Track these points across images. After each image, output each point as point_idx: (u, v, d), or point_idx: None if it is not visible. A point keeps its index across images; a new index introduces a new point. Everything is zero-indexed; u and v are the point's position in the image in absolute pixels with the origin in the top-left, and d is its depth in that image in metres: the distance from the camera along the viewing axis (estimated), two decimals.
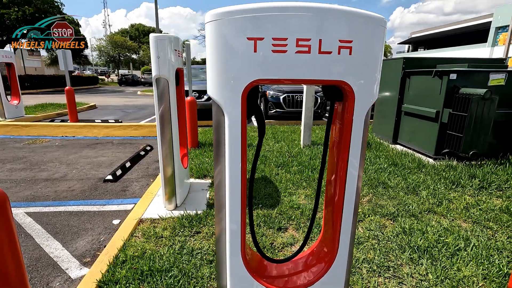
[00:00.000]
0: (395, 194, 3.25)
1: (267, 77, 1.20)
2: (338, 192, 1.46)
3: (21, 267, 1.35)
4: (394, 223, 2.70)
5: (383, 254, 2.27)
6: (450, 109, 3.99)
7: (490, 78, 4.04)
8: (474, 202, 3.05)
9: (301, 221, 2.73)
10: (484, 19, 31.43)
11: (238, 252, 1.41)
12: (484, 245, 2.34)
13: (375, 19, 1.22)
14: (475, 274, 2.02)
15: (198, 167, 4.08)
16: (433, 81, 4.22)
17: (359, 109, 1.31)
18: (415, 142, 4.70)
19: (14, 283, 1.33)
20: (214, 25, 1.17)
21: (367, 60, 1.24)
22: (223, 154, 1.32)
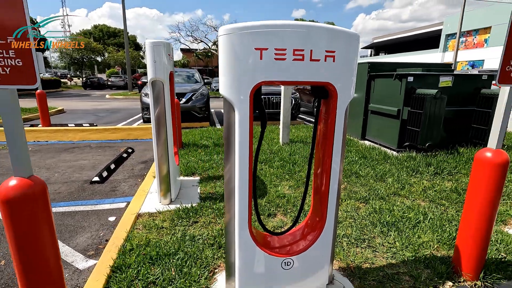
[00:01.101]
0: (366, 181, 3.71)
1: (270, 79, 1.51)
2: (325, 180, 1.80)
3: (58, 256, 1.51)
4: (366, 205, 3.13)
5: (359, 230, 2.66)
6: (409, 108, 4.58)
7: (440, 80, 4.70)
8: (430, 185, 3.59)
9: (287, 207, 3.06)
10: (436, 27, 34.42)
11: (246, 228, 1.69)
12: (438, 217, 2.83)
13: (352, 35, 1.59)
14: (432, 239, 2.48)
15: (185, 165, 4.26)
16: (394, 83, 4.81)
17: (341, 105, 1.66)
18: (381, 137, 5.27)
19: (53, 270, 1.49)
20: (227, 38, 1.45)
21: (346, 66, 1.60)
22: (233, 150, 1.58)
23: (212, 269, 2.17)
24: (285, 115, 5.45)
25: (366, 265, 2.23)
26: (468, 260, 2.08)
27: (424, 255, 2.31)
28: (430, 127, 4.38)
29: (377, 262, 2.26)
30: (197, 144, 5.48)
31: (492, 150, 1.91)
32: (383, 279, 2.08)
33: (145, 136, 6.85)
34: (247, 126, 1.56)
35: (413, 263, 2.23)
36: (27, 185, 1.33)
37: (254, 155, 1.72)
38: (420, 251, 2.35)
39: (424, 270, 2.16)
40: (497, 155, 1.89)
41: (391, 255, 2.33)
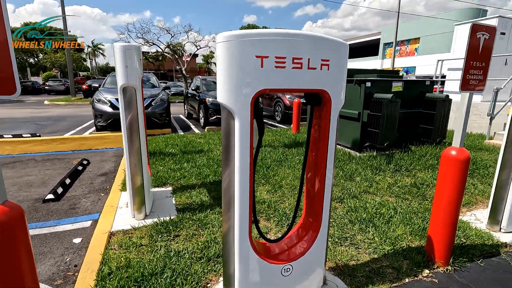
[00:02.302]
0: (338, 182, 3.90)
1: (270, 87, 1.51)
2: (319, 183, 1.85)
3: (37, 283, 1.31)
4: (342, 204, 3.29)
5: (340, 229, 2.79)
6: (368, 111, 4.96)
7: (393, 86, 5.18)
8: (393, 182, 3.92)
9: (269, 212, 3.07)
10: (375, 36, 37.85)
11: (246, 239, 1.65)
12: (405, 211, 3.10)
13: (342, 44, 1.66)
14: (405, 232, 2.70)
15: (155, 175, 4.02)
16: (354, 88, 5.16)
17: (334, 111, 1.72)
18: (344, 139, 5.60)
19: None
20: (227, 45, 1.41)
21: (338, 73, 1.67)
22: (232, 156, 1.55)
23: (205, 284, 2.07)
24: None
25: (352, 262, 2.33)
26: (439, 249, 2.31)
27: (401, 247, 2.50)
28: (388, 128, 4.79)
29: (362, 258, 2.38)
30: (163, 152, 5.20)
31: (456, 149, 2.16)
32: (370, 274, 2.20)
33: (100, 145, 6.30)
34: (247, 133, 1.53)
35: (393, 256, 2.40)
36: (2, 212, 1.12)
37: (254, 155, 1.70)
38: (397, 243, 2.55)
39: (404, 261, 2.34)
40: (460, 152, 2.14)
41: (373, 250, 2.48)
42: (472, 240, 2.66)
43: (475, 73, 2.05)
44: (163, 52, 19.64)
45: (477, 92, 2.11)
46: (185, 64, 21.12)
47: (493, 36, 2.04)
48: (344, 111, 5.44)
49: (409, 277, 2.19)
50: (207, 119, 8.28)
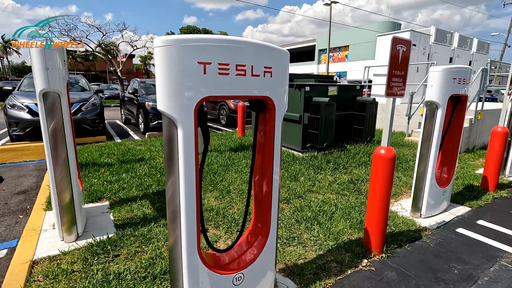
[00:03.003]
0: (283, 183, 4.03)
1: (214, 94, 1.47)
2: (266, 186, 1.87)
3: None
4: (288, 205, 3.40)
5: (288, 229, 2.87)
6: (308, 113, 5.25)
7: (329, 90, 5.58)
8: (333, 180, 4.21)
9: (218, 220, 3.00)
10: (311, 42, 40.50)
11: (195, 252, 1.58)
12: (345, 206, 3.35)
13: (284, 52, 1.72)
14: (345, 226, 2.92)
15: (88, 189, 3.60)
16: (294, 92, 5.41)
17: (278, 116, 1.76)
18: (287, 141, 5.83)
19: None
20: (166, 50, 1.34)
21: (281, 80, 1.72)
22: (176, 165, 1.47)
23: None
24: None
25: (301, 261, 2.42)
26: (375, 239, 2.55)
27: (343, 241, 2.69)
28: (326, 129, 5.14)
29: (309, 256, 2.49)
30: (97, 162, 4.70)
31: (384, 148, 2.41)
32: (317, 271, 2.31)
33: (17, 158, 5.41)
34: (192, 142, 1.47)
35: (337, 250, 2.56)
36: None
37: (200, 163, 1.64)
38: (339, 238, 2.73)
39: (346, 254, 2.52)
40: (388, 151, 2.39)
41: (318, 247, 2.61)
42: (400, 228, 3.01)
43: (397, 81, 2.32)
44: (94, 52, 17.85)
45: (399, 96, 2.39)
46: (121, 65, 19.56)
47: (409, 48, 2.34)
48: (287, 114, 5.66)
49: (351, 268, 2.36)
50: (147, 125, 7.79)
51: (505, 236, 2.97)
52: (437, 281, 2.27)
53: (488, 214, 3.44)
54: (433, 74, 2.97)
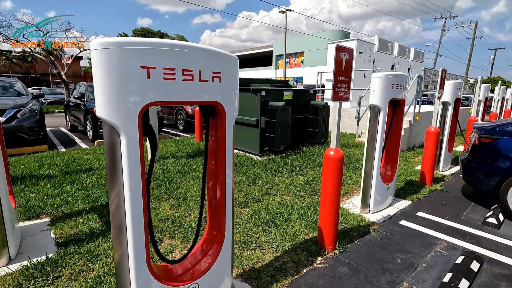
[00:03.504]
0: (242, 187, 4.04)
1: (160, 100, 1.43)
2: (219, 192, 1.85)
3: None
4: (247, 209, 3.41)
5: (246, 234, 2.87)
6: (265, 117, 5.35)
7: (284, 94, 5.76)
8: (290, 181, 4.33)
9: (173, 229, 2.89)
10: (268, 48, 41.46)
11: (144, 266, 1.51)
12: (301, 207, 3.46)
13: (232, 57, 1.73)
14: (301, 226, 3.01)
15: (24, 206, 3.22)
16: (251, 96, 5.48)
17: (229, 121, 1.77)
18: (245, 145, 5.86)
19: None
20: (105, 53, 1.27)
21: (231, 86, 1.72)
22: (120, 175, 1.39)
23: None
24: None
25: (258, 265, 2.43)
26: (328, 236, 2.67)
27: (299, 241, 2.77)
28: (282, 133, 5.28)
29: (266, 259, 2.51)
30: (36, 175, 4.24)
31: (333, 149, 2.55)
32: (274, 272, 2.34)
33: None
34: (137, 150, 1.40)
35: (293, 250, 2.63)
36: None
37: (148, 172, 1.57)
38: (295, 238, 2.81)
39: (302, 254, 2.59)
40: (336, 152, 2.53)
41: (276, 249, 2.66)
42: (351, 224, 3.19)
43: (342, 86, 2.47)
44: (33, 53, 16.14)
45: (345, 101, 2.55)
46: (65, 68, 17.96)
47: (351, 56, 2.51)
48: (245, 118, 5.71)
49: (306, 267, 2.44)
50: (96, 132, 7.24)
51: (439, 224, 3.32)
52: (383, 271, 2.44)
53: (425, 206, 3.82)
54: (374, 80, 3.23)
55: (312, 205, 3.55)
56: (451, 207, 3.83)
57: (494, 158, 3.55)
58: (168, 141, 7.11)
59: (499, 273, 2.45)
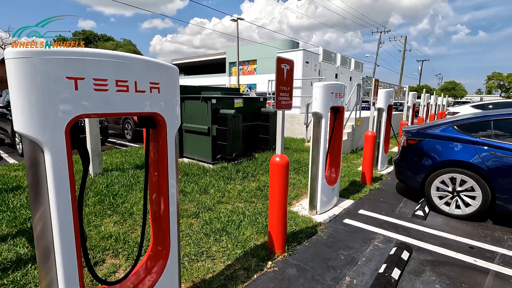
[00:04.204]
0: (193, 197, 3.96)
1: (91, 112, 1.37)
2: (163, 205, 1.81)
3: None
4: (198, 219, 3.35)
5: (196, 245, 2.82)
6: (216, 125, 5.34)
7: (235, 102, 5.82)
8: (242, 188, 4.37)
9: (117, 247, 2.71)
10: (222, 55, 41.57)
11: None
12: (252, 213, 3.52)
13: (171, 67, 1.72)
14: (252, 232, 3.05)
15: None
16: (201, 104, 5.43)
17: (170, 132, 1.74)
18: (197, 153, 5.77)
19: None
20: (24, 63, 1.18)
21: (171, 96, 1.71)
22: (45, 195, 1.29)
23: None
24: (93, 142, 4.74)
25: (209, 275, 2.40)
26: (277, 240, 2.75)
27: (250, 247, 2.81)
28: (234, 140, 5.32)
29: (217, 269, 2.50)
30: None
31: (279, 156, 2.65)
32: (225, 281, 2.33)
33: None
34: (65, 166, 1.31)
35: (244, 257, 2.65)
36: None
37: (80, 189, 1.48)
38: (246, 245, 2.84)
39: (252, 260, 2.63)
40: (281, 158, 2.64)
41: (227, 257, 2.65)
42: (300, 226, 3.33)
43: (284, 96, 2.60)
44: None
45: (287, 109, 2.68)
46: None
47: (292, 67, 2.66)
48: (196, 127, 5.63)
49: (257, 272, 2.48)
50: None
51: (377, 220, 3.64)
52: (328, 269, 2.60)
53: (366, 204, 4.16)
54: (316, 89, 3.46)
55: (264, 211, 3.63)
56: (387, 203, 4.23)
57: (419, 158, 4.03)
58: (114, 152, 6.66)
59: (425, 259, 2.77)
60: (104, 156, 6.07)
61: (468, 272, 2.58)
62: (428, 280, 2.46)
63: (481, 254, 2.86)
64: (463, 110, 11.05)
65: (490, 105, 11.11)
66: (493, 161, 3.39)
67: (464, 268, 2.64)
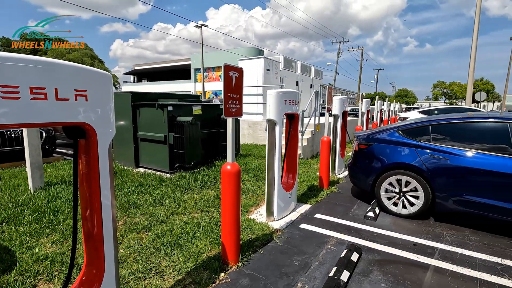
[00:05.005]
0: (146, 209, 3.75)
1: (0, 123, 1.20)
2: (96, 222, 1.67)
3: None
4: (149, 233, 3.17)
5: (145, 261, 2.65)
6: (173, 133, 5.17)
7: (193, 109, 5.70)
8: (199, 198, 4.25)
9: (53, 269, 2.46)
10: (187, 61, 40.91)
11: None
12: (208, 223, 3.42)
13: (103, 74, 1.61)
14: (206, 244, 2.96)
15: None
16: (157, 111, 5.23)
17: (102, 143, 1.62)
18: (154, 163, 5.53)
19: None
20: None
21: (102, 104, 1.60)
22: None
23: None
24: (33, 153, 4.32)
25: None
26: (230, 250, 2.69)
27: (203, 259, 2.71)
28: (192, 148, 5.18)
29: (166, 285, 2.36)
30: None
31: (230, 164, 2.61)
32: None
33: None
34: None
35: (196, 271, 2.55)
36: None
37: None
38: (199, 257, 2.73)
39: (204, 272, 2.53)
40: (233, 166, 2.60)
41: (177, 272, 2.53)
42: (257, 234, 3.30)
43: (233, 103, 2.58)
44: None
45: (237, 116, 2.66)
46: None
47: (241, 74, 2.65)
48: (152, 135, 5.40)
49: (208, 286, 2.39)
50: None
51: (331, 223, 3.75)
52: (281, 276, 2.59)
53: (322, 208, 4.27)
54: (269, 96, 3.49)
55: (220, 220, 3.54)
56: (342, 206, 4.38)
57: (369, 161, 4.24)
58: (62, 164, 6.14)
59: (373, 259, 2.89)
60: (49, 169, 5.56)
61: (411, 269, 2.74)
62: (375, 279, 2.55)
63: (423, 251, 3.06)
64: (412, 116, 11.99)
65: (435, 110, 12.19)
66: (432, 163, 3.67)
67: (408, 265, 2.79)
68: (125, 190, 4.35)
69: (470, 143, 3.60)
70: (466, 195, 3.48)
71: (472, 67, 16.71)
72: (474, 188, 3.45)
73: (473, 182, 3.45)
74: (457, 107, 13.33)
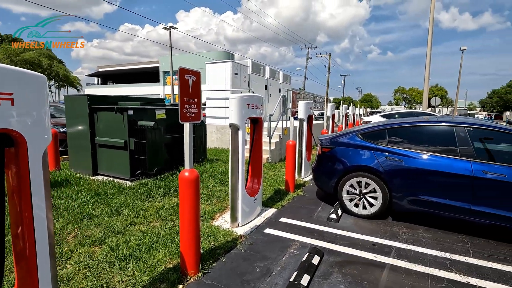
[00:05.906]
0: (101, 220, 3.51)
1: None
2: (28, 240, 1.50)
3: None
4: (103, 246, 2.96)
5: (95, 278, 2.46)
6: (134, 138, 4.93)
7: (157, 113, 5.49)
8: (161, 206, 4.07)
9: None
10: (155, 64, 39.73)
11: None
12: (168, 233, 3.27)
13: (36, 75, 1.47)
14: (165, 254, 2.82)
15: None
16: (117, 116, 4.97)
17: (34, 151, 1.47)
18: (113, 170, 5.22)
19: None
20: None
21: (33, 109, 1.45)
22: None
23: None
24: None
25: None
26: (189, 260, 2.58)
27: (160, 272, 2.57)
28: (154, 154, 4.98)
29: None
30: None
31: (188, 170, 2.52)
32: None
33: None
34: None
35: (152, 284, 2.41)
36: None
37: None
38: (156, 270, 2.59)
39: (161, 286, 2.40)
40: (191, 173, 2.51)
41: (132, 287, 2.37)
42: (220, 241, 3.22)
43: (190, 107, 2.49)
44: None
45: (195, 121, 2.58)
46: None
47: (198, 78, 2.58)
48: (111, 140, 5.11)
49: None
50: None
51: (296, 227, 3.77)
52: (242, 284, 2.53)
53: (288, 212, 4.29)
54: (231, 101, 3.45)
55: None
56: (307, 209, 4.43)
57: (332, 164, 4.35)
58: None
59: (334, 261, 2.93)
60: None
61: (369, 268, 2.81)
62: (334, 281, 2.59)
63: (380, 250, 3.17)
64: (374, 119, 12.61)
65: (396, 114, 12.94)
66: (388, 165, 3.84)
67: (366, 265, 2.87)
68: (79, 200, 4.05)
69: (424, 146, 3.82)
70: (419, 195, 3.68)
71: (427, 74, 18.02)
72: (427, 188, 3.66)
73: (426, 183, 3.66)
74: (416, 111, 14.31)
